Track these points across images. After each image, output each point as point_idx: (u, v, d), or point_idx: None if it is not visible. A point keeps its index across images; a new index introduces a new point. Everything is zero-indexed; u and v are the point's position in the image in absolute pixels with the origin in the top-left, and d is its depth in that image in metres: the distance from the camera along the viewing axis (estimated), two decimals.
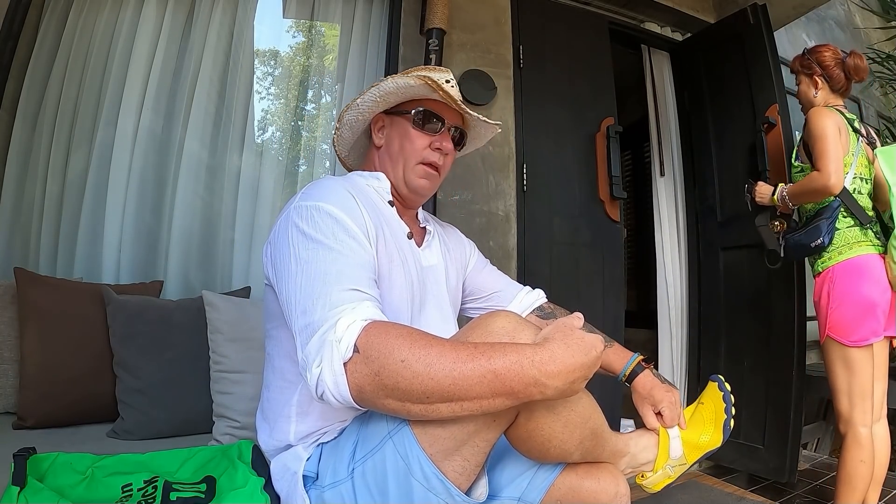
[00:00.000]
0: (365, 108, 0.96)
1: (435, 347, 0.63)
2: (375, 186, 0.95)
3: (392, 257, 0.85)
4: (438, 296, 0.97)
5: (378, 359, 0.62)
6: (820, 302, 1.64)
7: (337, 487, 0.74)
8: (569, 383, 0.63)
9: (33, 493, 0.72)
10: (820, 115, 1.61)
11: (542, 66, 2.21)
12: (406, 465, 0.68)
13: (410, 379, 0.61)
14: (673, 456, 0.92)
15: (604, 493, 0.82)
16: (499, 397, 0.62)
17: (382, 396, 0.63)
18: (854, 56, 1.70)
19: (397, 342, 0.63)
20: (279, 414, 0.84)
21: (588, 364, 0.64)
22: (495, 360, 0.61)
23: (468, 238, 1.18)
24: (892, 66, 3.19)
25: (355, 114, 0.97)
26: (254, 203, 1.86)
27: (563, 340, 0.64)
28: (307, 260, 0.72)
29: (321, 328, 0.66)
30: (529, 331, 0.70)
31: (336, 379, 0.63)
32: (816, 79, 1.73)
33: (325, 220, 0.76)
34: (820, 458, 2.55)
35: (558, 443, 0.73)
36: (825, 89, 1.73)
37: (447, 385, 0.61)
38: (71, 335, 1.25)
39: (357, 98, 0.95)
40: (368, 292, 0.71)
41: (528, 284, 1.17)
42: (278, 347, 0.86)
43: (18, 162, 1.60)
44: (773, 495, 2.00)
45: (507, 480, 0.83)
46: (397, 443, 0.70)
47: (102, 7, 1.73)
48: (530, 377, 0.61)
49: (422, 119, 0.94)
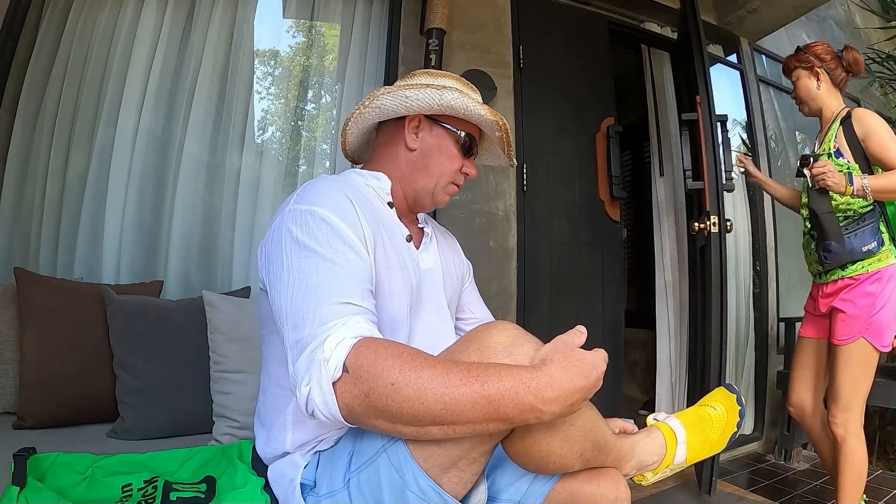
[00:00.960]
0: (415, 106, 0.89)
1: (426, 370, 0.61)
2: (375, 187, 0.91)
3: (391, 263, 0.83)
4: (436, 299, 0.95)
5: (367, 380, 0.61)
6: (858, 303, 1.54)
7: (333, 497, 0.73)
8: (567, 407, 0.61)
9: (33, 493, 0.72)
10: (874, 115, 1.57)
11: (542, 66, 2.21)
12: (401, 479, 0.67)
13: (400, 402, 0.60)
14: (676, 462, 0.91)
15: (603, 499, 0.80)
16: (492, 422, 0.61)
17: (372, 417, 0.62)
18: (850, 50, 1.68)
19: (387, 363, 0.61)
20: (274, 422, 0.83)
21: (588, 387, 0.62)
22: (489, 386, 0.59)
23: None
24: (892, 66, 3.19)
25: (396, 103, 0.89)
26: (254, 203, 1.86)
27: (561, 363, 0.62)
28: (299, 269, 0.70)
29: (310, 345, 0.64)
30: (528, 345, 0.68)
31: (325, 398, 0.62)
32: (817, 70, 1.68)
33: (320, 226, 0.73)
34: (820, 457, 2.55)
35: (557, 458, 0.71)
36: (826, 81, 1.69)
37: (438, 410, 0.59)
38: (71, 335, 1.25)
39: (410, 90, 0.87)
40: (361, 304, 0.70)
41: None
42: (273, 352, 0.85)
43: (18, 162, 1.60)
44: (773, 495, 2.00)
45: (506, 484, 0.82)
46: (391, 456, 0.68)
47: (102, 7, 1.73)
48: (526, 404, 0.59)
49: (467, 144, 0.95)
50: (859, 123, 1.57)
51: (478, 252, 1.98)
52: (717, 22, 2.86)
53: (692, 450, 0.92)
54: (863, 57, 1.70)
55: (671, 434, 0.92)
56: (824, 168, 1.52)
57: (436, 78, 0.95)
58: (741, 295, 2.82)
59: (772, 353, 2.82)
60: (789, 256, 3.14)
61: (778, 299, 2.90)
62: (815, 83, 1.70)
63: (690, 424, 0.94)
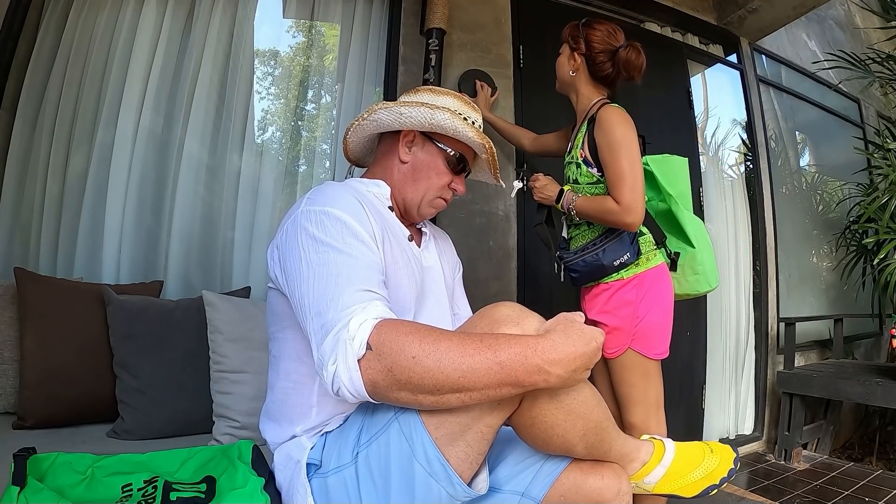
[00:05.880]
0: (409, 122, 0.95)
1: (444, 342, 0.66)
2: (376, 193, 0.97)
3: (397, 259, 0.88)
4: (438, 293, 1.00)
5: (390, 355, 0.65)
6: (620, 311, 1.36)
7: (340, 472, 0.75)
8: (570, 371, 0.67)
9: (33, 493, 0.72)
10: (620, 120, 1.30)
11: (542, 66, 2.21)
12: (410, 448, 0.70)
13: (422, 373, 0.64)
14: (646, 480, 0.90)
15: (607, 490, 0.81)
16: (505, 387, 0.66)
17: (395, 390, 0.66)
18: (630, 49, 1.37)
19: (408, 339, 0.66)
20: (283, 415, 0.86)
21: (588, 354, 0.68)
22: (500, 352, 0.65)
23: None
24: (892, 66, 3.18)
25: (392, 118, 0.95)
26: (254, 203, 1.86)
27: (563, 331, 0.69)
28: (318, 263, 0.75)
29: (335, 328, 0.68)
30: (533, 318, 0.74)
31: (351, 375, 0.66)
32: (577, 57, 1.41)
33: (335, 223, 0.78)
34: (820, 458, 2.56)
35: (561, 431, 0.74)
36: (583, 72, 1.41)
37: (456, 378, 0.64)
38: (71, 335, 1.25)
39: (407, 107, 0.93)
40: (379, 292, 0.74)
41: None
42: (284, 349, 0.87)
43: (18, 162, 1.59)
44: (773, 495, 2.00)
45: (510, 475, 0.83)
46: (403, 424, 0.72)
47: (102, 7, 1.73)
48: (533, 365, 0.65)
49: (456, 162, 1.01)
50: (600, 131, 1.32)
51: (478, 252, 1.98)
52: (717, 22, 2.86)
53: (668, 477, 0.91)
54: (642, 62, 1.38)
55: (659, 452, 0.92)
56: (535, 183, 1.49)
57: (437, 96, 1.01)
58: (741, 295, 2.82)
59: (772, 353, 2.82)
60: (789, 256, 3.15)
61: (778, 299, 2.90)
62: (568, 67, 1.44)
63: (683, 454, 0.93)
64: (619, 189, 1.26)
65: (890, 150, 3.06)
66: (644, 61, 1.39)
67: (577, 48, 1.41)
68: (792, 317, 2.77)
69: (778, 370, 2.70)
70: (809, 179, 3.64)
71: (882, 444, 2.87)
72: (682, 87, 2.64)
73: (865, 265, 3.15)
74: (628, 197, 1.25)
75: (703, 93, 2.96)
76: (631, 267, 1.35)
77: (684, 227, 1.41)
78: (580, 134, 1.41)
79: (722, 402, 2.65)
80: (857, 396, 2.33)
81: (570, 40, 1.43)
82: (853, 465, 2.44)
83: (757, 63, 3.07)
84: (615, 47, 1.37)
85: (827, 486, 2.08)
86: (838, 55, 3.23)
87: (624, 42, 1.38)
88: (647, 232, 1.39)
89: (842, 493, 2.02)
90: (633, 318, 1.34)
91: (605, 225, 1.36)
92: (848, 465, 2.43)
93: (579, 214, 1.38)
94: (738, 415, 2.73)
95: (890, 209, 2.77)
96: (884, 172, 2.94)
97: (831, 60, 3.29)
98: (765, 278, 2.84)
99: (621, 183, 1.26)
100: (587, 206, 1.35)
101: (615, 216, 1.27)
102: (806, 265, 3.41)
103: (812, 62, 3.46)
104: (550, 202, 1.46)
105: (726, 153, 3.02)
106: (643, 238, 1.39)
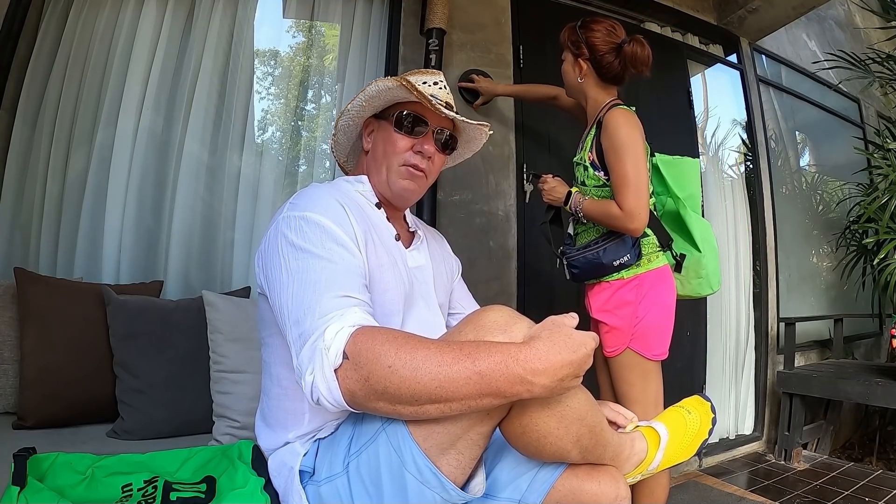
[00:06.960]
0: (355, 113, 0.99)
1: (421, 351, 0.64)
2: (361, 191, 0.97)
3: (382, 261, 0.87)
4: (426, 294, 0.99)
5: (366, 364, 0.64)
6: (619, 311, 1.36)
7: (333, 482, 0.74)
8: (556, 381, 0.64)
9: (33, 493, 0.72)
10: (625, 122, 1.29)
11: (542, 66, 2.21)
12: (399, 458, 0.69)
13: (398, 383, 0.63)
14: (651, 467, 0.91)
15: (604, 496, 0.80)
16: (486, 397, 0.63)
17: (373, 400, 0.65)
18: (634, 43, 1.35)
19: (384, 347, 0.64)
20: (276, 420, 0.86)
21: (576, 361, 0.65)
22: (480, 361, 0.62)
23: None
24: (892, 66, 3.18)
25: (347, 119, 1.01)
26: (254, 203, 1.86)
27: (549, 338, 0.65)
28: (297, 270, 0.74)
29: (311, 336, 0.68)
30: (522, 324, 0.71)
31: (329, 385, 0.66)
32: (582, 63, 1.40)
33: (314, 229, 0.78)
34: (820, 458, 2.56)
35: (554, 439, 0.72)
36: (591, 76, 1.41)
37: (434, 388, 0.62)
38: (71, 335, 1.25)
39: (349, 103, 0.98)
40: (359, 297, 0.73)
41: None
42: (273, 355, 0.88)
43: (18, 162, 1.59)
44: (773, 495, 2.00)
45: (506, 481, 0.82)
46: (390, 434, 0.70)
47: (102, 7, 1.72)
48: (515, 375, 0.62)
49: (402, 121, 0.95)
50: (606, 134, 1.32)
51: (478, 252, 1.98)
52: (717, 22, 2.86)
53: (667, 456, 0.92)
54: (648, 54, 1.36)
55: (654, 438, 0.92)
56: (543, 185, 1.50)
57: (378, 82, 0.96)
58: (741, 295, 2.82)
59: (772, 353, 2.82)
60: (789, 256, 3.15)
61: (778, 299, 2.90)
62: (576, 74, 1.43)
63: (674, 429, 0.94)
64: (623, 195, 1.27)
65: (890, 150, 3.06)
66: (650, 53, 1.37)
67: (581, 54, 1.40)
68: (792, 317, 2.77)
69: (778, 370, 2.70)
70: (809, 179, 3.65)
71: (882, 444, 2.87)
72: (682, 87, 2.64)
73: (865, 265, 3.15)
74: (632, 203, 1.25)
75: (703, 93, 2.96)
76: (632, 267, 1.35)
77: (692, 231, 1.41)
78: (589, 136, 1.42)
79: (722, 401, 2.65)
80: (857, 396, 2.33)
81: (572, 46, 1.42)
82: (853, 465, 2.44)
83: (757, 63, 3.07)
84: (618, 44, 1.36)
85: (827, 486, 2.08)
86: (838, 55, 3.24)
87: (626, 37, 1.37)
88: (651, 233, 1.39)
89: (842, 493, 2.02)
90: (632, 318, 1.34)
91: (610, 228, 1.36)
92: (848, 465, 2.43)
93: (586, 217, 1.39)
94: (738, 415, 2.73)
95: (890, 209, 2.77)
96: (884, 172, 2.94)
97: (831, 60, 3.29)
98: (765, 278, 2.84)
99: (625, 188, 1.26)
100: (593, 210, 1.36)
101: (618, 221, 1.28)
102: (806, 265, 3.41)
103: (812, 62, 3.46)
104: (559, 203, 1.47)
105: (726, 153, 3.02)
106: (646, 240, 1.38)
